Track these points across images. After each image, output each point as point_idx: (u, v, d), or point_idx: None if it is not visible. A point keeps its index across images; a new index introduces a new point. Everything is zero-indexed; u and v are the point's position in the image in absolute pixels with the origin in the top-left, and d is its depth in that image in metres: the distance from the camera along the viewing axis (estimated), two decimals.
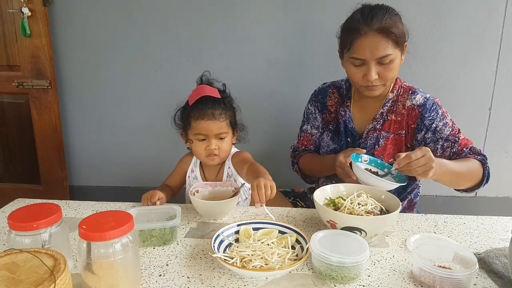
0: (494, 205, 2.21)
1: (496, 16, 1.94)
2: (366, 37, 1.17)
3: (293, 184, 1.64)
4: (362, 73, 1.22)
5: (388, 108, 1.32)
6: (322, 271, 0.83)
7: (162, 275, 0.86)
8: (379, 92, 1.26)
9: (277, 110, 2.15)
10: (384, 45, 1.16)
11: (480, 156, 1.25)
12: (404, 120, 1.31)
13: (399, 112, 1.31)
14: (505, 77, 2.02)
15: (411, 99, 1.31)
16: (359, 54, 1.18)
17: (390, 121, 1.32)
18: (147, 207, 1.12)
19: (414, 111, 1.30)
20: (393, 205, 1.02)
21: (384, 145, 1.32)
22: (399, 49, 1.20)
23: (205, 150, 1.27)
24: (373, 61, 1.18)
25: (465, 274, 0.77)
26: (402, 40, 1.21)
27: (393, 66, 1.20)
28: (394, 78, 1.26)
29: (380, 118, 1.33)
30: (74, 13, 2.13)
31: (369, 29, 1.16)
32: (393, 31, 1.16)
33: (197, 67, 2.03)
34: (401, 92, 1.33)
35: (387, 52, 1.16)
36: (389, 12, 1.20)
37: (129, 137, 2.30)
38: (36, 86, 2.17)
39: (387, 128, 1.33)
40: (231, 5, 2.04)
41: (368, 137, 1.34)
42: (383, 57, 1.17)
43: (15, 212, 0.83)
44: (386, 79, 1.22)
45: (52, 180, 2.32)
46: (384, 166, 1.24)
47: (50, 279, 0.63)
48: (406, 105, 1.31)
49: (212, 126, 1.24)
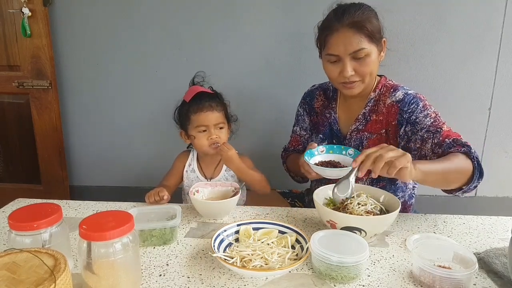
0: (494, 205, 2.21)
1: (496, 16, 1.94)
2: (338, 33, 1.17)
3: (291, 185, 1.64)
4: (338, 70, 1.21)
5: (370, 108, 1.30)
6: (322, 271, 0.84)
7: (162, 275, 0.86)
8: (358, 89, 1.24)
9: (277, 111, 2.16)
10: (357, 39, 1.15)
11: (464, 147, 1.09)
12: (385, 118, 1.28)
13: (380, 111, 1.29)
14: (505, 77, 2.02)
15: (391, 96, 1.28)
16: (333, 50, 1.19)
17: (372, 121, 1.30)
18: (147, 207, 1.12)
19: (393, 107, 1.26)
20: (393, 205, 1.02)
21: (367, 146, 1.29)
22: (375, 44, 1.19)
23: (207, 140, 1.35)
24: (347, 56, 1.17)
25: (465, 274, 0.77)
26: (378, 36, 1.19)
27: (369, 61, 1.18)
28: (372, 74, 1.22)
29: (362, 119, 1.31)
30: (74, 13, 2.13)
31: (340, 25, 1.17)
32: (365, 26, 1.15)
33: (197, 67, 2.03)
34: (383, 91, 1.31)
35: (360, 46, 1.16)
36: (362, 8, 1.19)
37: (129, 137, 2.30)
38: (36, 86, 2.17)
39: (370, 129, 1.30)
40: (231, 5, 2.04)
41: (352, 138, 1.33)
42: (357, 51, 1.16)
43: (15, 212, 0.83)
44: (363, 75, 1.20)
45: (52, 180, 2.32)
46: (341, 149, 1.24)
47: (51, 279, 0.63)
48: (387, 103, 1.28)
49: (211, 117, 1.34)
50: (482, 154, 2.14)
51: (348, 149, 1.22)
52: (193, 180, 1.42)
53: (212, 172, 1.43)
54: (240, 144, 1.44)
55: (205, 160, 1.44)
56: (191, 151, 1.47)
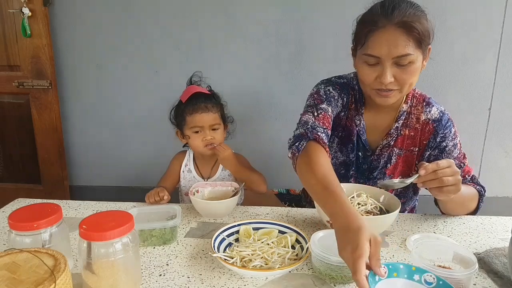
0: (494, 205, 2.21)
1: (496, 16, 1.94)
2: (384, 31, 1.00)
3: (289, 184, 1.63)
4: (375, 74, 1.05)
5: (403, 122, 1.18)
6: (322, 271, 0.84)
7: (162, 275, 0.86)
8: (393, 100, 1.09)
9: (277, 111, 2.16)
10: (404, 42, 0.99)
11: (479, 187, 1.16)
12: (418, 135, 1.18)
13: (412, 127, 1.18)
14: (505, 77, 2.02)
15: (426, 113, 1.17)
16: (374, 51, 1.02)
17: (404, 136, 1.19)
18: (147, 207, 1.12)
19: (428, 126, 1.17)
20: (393, 205, 1.02)
21: (395, 163, 1.21)
22: (421, 51, 1.03)
23: (202, 141, 1.35)
24: (389, 60, 1.01)
25: (465, 274, 0.77)
26: (426, 41, 1.03)
27: (412, 69, 1.02)
28: (412, 85, 1.07)
29: (394, 133, 1.19)
30: (74, 13, 2.13)
31: (388, 22, 1.00)
32: (416, 27, 0.99)
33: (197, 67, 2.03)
34: (414, 103, 1.19)
35: (407, 51, 0.99)
36: (414, 6, 1.03)
37: (129, 137, 2.30)
38: (37, 86, 2.17)
39: (400, 145, 1.20)
40: (231, 5, 2.04)
41: (382, 154, 1.21)
42: (402, 57, 1.00)
43: (15, 212, 0.83)
44: (403, 84, 1.04)
45: (52, 180, 2.32)
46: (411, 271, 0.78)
47: (51, 279, 0.63)
48: (421, 119, 1.17)
49: (206, 118, 1.34)
50: (482, 154, 2.14)
51: (425, 273, 0.75)
52: (190, 180, 1.42)
53: (209, 172, 1.43)
54: (240, 144, 1.44)
55: (202, 160, 1.44)
56: (187, 151, 1.47)
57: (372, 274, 0.71)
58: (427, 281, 0.75)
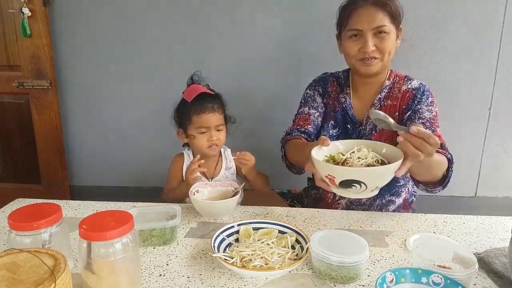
0: (494, 205, 2.21)
1: (496, 16, 1.94)
2: (363, 9, 1.22)
3: (290, 184, 1.64)
4: (359, 46, 1.24)
5: (385, 95, 1.34)
6: (322, 271, 0.84)
7: (162, 275, 0.86)
8: (376, 68, 1.26)
9: (277, 111, 2.16)
10: (380, 16, 1.21)
11: (450, 155, 1.15)
12: (398, 103, 1.33)
13: (395, 97, 1.34)
14: (505, 77, 2.02)
15: (407, 84, 1.34)
16: (357, 25, 1.23)
17: (387, 106, 1.33)
18: (147, 207, 1.12)
19: (408, 93, 1.32)
20: (396, 157, 0.93)
21: (381, 131, 1.32)
22: (395, 26, 1.24)
23: (207, 141, 1.37)
24: (369, 32, 1.21)
25: (465, 274, 0.77)
26: (398, 18, 1.25)
27: (389, 38, 1.23)
28: (390, 54, 1.26)
29: (377, 104, 1.34)
30: (74, 13, 2.13)
31: (365, 2, 1.23)
32: (389, 4, 1.22)
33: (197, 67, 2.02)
34: (397, 80, 1.36)
35: (383, 22, 1.21)
36: None
37: (129, 137, 2.30)
38: (36, 86, 2.17)
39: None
40: (231, 5, 2.04)
41: (367, 123, 1.34)
42: (380, 27, 1.21)
43: (15, 212, 0.83)
44: (383, 51, 1.23)
45: (52, 180, 2.32)
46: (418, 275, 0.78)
47: (51, 279, 0.63)
48: (402, 89, 1.34)
49: (213, 119, 1.36)
50: (482, 154, 2.14)
51: (432, 274, 0.76)
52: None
53: (213, 172, 1.43)
54: (240, 144, 1.44)
55: (206, 157, 1.42)
56: (185, 152, 1.46)
57: (383, 280, 0.73)
58: (435, 282, 0.76)
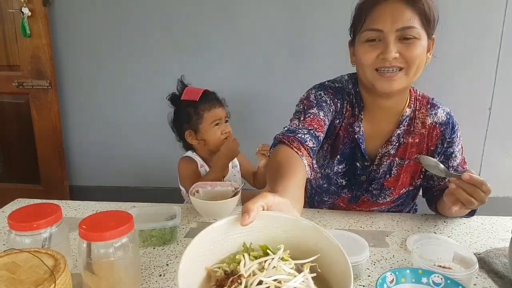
0: (494, 205, 2.20)
1: (496, 16, 1.94)
2: (386, 4, 0.91)
3: None
4: (377, 52, 0.92)
5: (405, 129, 1.06)
6: None
7: (162, 275, 0.86)
8: (399, 84, 0.94)
9: (277, 111, 2.15)
10: (408, 15, 0.89)
11: None
12: (424, 141, 1.07)
13: (417, 132, 1.07)
14: (505, 77, 2.02)
15: (431, 116, 1.07)
16: (376, 24, 0.91)
17: (407, 145, 1.07)
18: (147, 207, 1.12)
19: (436, 131, 1.07)
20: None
21: (397, 175, 1.09)
22: (426, 32, 0.93)
23: (221, 134, 1.43)
24: (392, 34, 0.90)
25: (465, 274, 0.77)
26: (431, 22, 0.93)
27: (418, 46, 0.90)
28: (418, 69, 0.94)
29: (395, 141, 1.06)
30: (74, 13, 2.13)
31: None
32: (422, 1, 0.90)
33: (197, 67, 2.03)
34: (417, 106, 1.08)
35: (411, 23, 0.89)
36: None
37: (129, 137, 2.30)
38: (36, 86, 2.17)
39: (402, 154, 1.08)
40: (231, 5, 2.04)
41: (382, 164, 1.08)
42: (406, 28, 0.89)
43: (15, 212, 0.83)
44: (409, 61, 0.91)
45: (52, 180, 2.32)
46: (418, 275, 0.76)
47: (50, 279, 0.63)
48: (427, 123, 1.06)
49: (222, 112, 1.45)
50: (482, 154, 2.14)
51: (432, 275, 0.74)
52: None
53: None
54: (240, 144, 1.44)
55: (212, 161, 1.45)
56: (191, 155, 1.46)
57: (383, 280, 0.73)
58: (435, 282, 0.75)
